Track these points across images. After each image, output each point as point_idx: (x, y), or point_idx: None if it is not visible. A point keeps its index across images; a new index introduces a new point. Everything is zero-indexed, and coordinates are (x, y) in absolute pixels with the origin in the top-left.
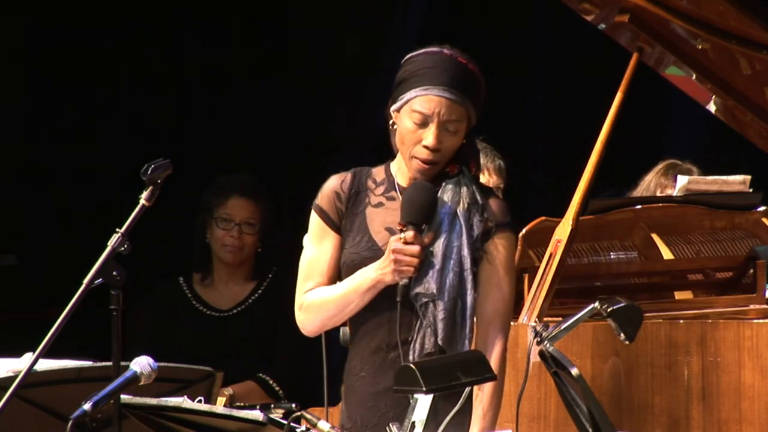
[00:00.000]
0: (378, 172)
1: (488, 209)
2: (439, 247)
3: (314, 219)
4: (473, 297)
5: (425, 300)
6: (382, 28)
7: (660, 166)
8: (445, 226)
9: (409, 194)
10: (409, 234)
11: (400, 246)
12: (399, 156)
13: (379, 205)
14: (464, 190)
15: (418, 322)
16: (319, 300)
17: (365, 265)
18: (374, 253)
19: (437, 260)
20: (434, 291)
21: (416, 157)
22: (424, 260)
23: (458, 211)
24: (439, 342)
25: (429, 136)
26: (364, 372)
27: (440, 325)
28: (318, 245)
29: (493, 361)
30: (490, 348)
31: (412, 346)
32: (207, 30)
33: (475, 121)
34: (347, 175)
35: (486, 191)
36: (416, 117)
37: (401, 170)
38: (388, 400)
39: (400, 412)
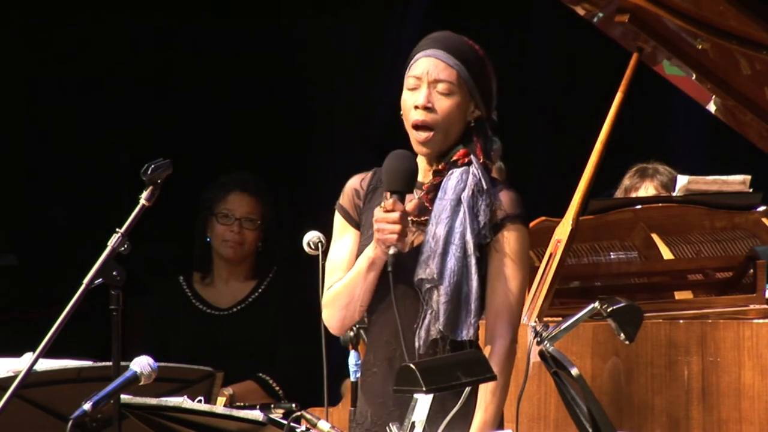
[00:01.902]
0: None
1: (497, 200)
2: (441, 232)
3: (336, 217)
4: (478, 282)
5: (428, 286)
6: (382, 28)
7: (632, 168)
8: (448, 212)
9: (388, 163)
10: (389, 202)
11: (382, 215)
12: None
13: None
14: (471, 178)
15: (423, 309)
16: (333, 292)
17: None
18: None
19: (439, 245)
20: (435, 276)
21: (413, 127)
22: (426, 246)
23: (462, 197)
24: (441, 328)
25: (419, 96)
26: (376, 368)
27: (442, 309)
28: (340, 242)
29: (499, 355)
30: (496, 341)
31: (417, 333)
32: (206, 29)
33: (482, 102)
34: (368, 174)
35: (495, 182)
36: (410, 83)
37: (419, 166)
38: (396, 398)
39: (406, 411)
